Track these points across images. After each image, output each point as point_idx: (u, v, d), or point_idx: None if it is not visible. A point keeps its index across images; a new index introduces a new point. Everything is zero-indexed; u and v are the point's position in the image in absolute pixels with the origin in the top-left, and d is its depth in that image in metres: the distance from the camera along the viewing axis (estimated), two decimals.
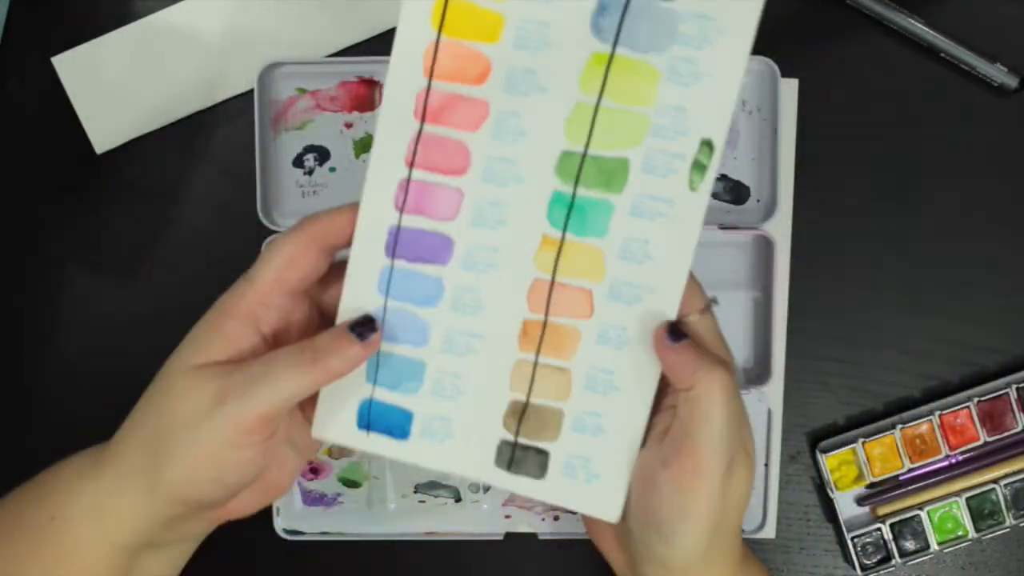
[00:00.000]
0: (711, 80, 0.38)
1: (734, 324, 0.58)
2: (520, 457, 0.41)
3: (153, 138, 0.58)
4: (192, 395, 0.38)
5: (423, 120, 0.39)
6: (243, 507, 0.41)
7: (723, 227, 0.56)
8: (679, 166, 0.38)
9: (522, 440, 0.41)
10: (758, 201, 0.57)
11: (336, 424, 0.41)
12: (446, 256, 0.40)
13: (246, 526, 0.43)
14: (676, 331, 0.39)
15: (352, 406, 0.41)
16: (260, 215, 0.55)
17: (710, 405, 0.37)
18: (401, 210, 0.39)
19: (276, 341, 0.40)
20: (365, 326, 0.39)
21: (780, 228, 0.58)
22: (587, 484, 0.41)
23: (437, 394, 0.41)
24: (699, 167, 0.38)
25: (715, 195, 0.57)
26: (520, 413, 0.41)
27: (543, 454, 0.41)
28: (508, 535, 0.57)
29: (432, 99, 0.39)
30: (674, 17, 0.38)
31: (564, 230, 0.39)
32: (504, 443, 0.41)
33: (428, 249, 0.40)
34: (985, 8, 0.58)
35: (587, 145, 0.39)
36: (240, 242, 0.56)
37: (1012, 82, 0.57)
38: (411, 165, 0.39)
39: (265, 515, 0.55)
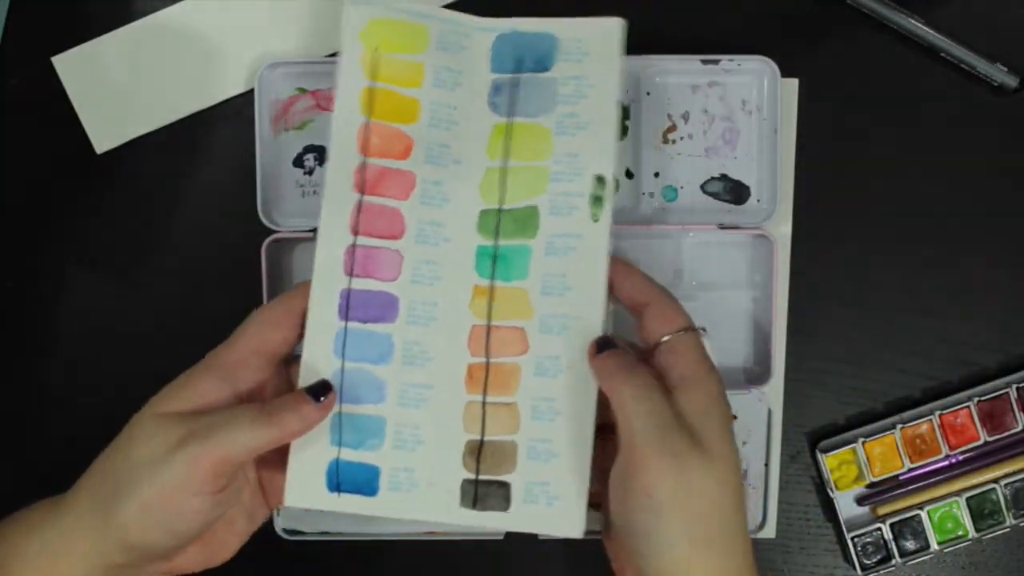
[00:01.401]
0: (592, 126, 0.44)
1: (734, 324, 0.58)
2: (484, 493, 0.43)
3: (153, 138, 0.58)
4: (154, 439, 0.39)
5: (362, 192, 0.45)
6: (188, 564, 0.42)
7: (723, 227, 0.56)
8: (580, 203, 0.44)
9: (483, 476, 0.44)
10: (758, 201, 0.57)
11: (307, 489, 0.43)
12: (393, 314, 0.44)
13: None
14: (602, 344, 0.42)
15: (320, 470, 0.43)
16: (260, 215, 0.55)
17: (622, 401, 0.40)
18: (350, 274, 0.44)
19: (249, 402, 0.42)
20: (321, 389, 0.43)
21: (780, 228, 0.58)
22: (549, 507, 0.43)
23: (399, 447, 0.44)
24: (597, 200, 0.44)
25: (715, 195, 0.57)
26: (477, 451, 0.44)
27: (505, 486, 0.43)
28: (508, 535, 0.57)
29: (368, 173, 0.45)
30: (554, 83, 0.45)
31: (492, 278, 0.44)
32: (467, 482, 0.44)
33: (377, 308, 0.44)
34: (985, 8, 0.58)
35: (501, 202, 0.45)
36: (240, 242, 0.56)
37: (1012, 82, 0.57)
38: (355, 232, 0.44)
39: None
